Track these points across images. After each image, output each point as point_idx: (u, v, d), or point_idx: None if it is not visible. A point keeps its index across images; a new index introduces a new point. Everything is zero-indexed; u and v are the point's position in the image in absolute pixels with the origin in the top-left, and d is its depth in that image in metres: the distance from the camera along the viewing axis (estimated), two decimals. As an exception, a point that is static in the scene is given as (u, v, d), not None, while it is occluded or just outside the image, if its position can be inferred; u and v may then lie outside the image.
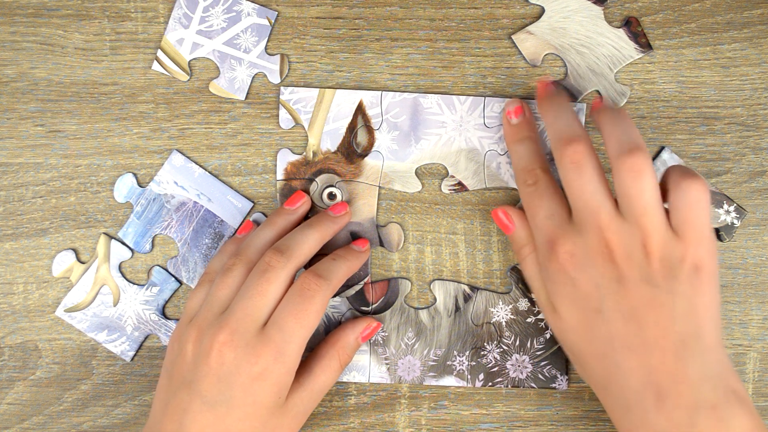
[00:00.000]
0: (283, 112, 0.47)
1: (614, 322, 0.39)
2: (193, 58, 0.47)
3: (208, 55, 0.47)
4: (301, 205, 0.46)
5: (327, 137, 0.47)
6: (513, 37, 0.47)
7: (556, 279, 0.42)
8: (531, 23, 0.47)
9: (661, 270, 0.39)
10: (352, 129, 0.47)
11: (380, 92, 0.47)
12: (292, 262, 0.43)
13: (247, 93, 0.48)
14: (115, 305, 0.48)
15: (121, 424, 0.48)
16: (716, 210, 0.47)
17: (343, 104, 0.47)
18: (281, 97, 0.47)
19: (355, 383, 0.48)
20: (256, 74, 0.47)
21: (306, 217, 0.47)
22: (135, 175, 0.48)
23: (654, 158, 0.47)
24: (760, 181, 0.48)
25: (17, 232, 0.48)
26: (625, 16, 0.47)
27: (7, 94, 0.48)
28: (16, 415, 0.48)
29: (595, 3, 0.46)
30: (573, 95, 0.47)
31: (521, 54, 0.47)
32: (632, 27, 0.46)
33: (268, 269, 0.42)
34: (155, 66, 0.47)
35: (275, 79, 0.47)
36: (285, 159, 0.48)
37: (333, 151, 0.47)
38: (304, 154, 0.48)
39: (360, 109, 0.47)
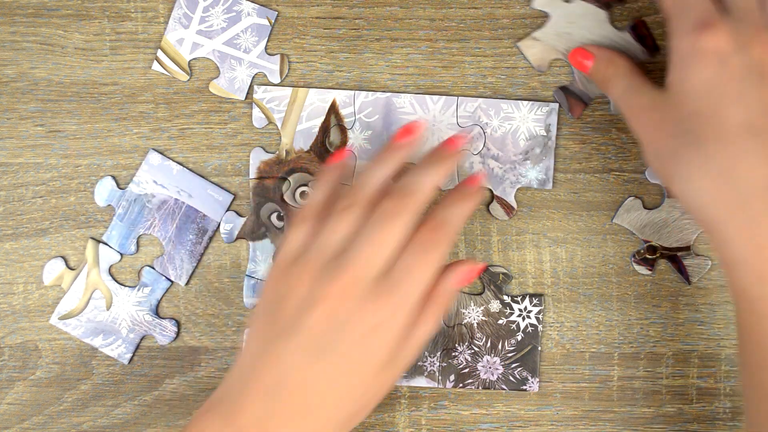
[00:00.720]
0: (256, 111, 0.47)
1: (754, 113, 0.38)
2: (193, 58, 0.47)
3: (208, 55, 0.47)
4: (414, 139, 0.43)
5: (300, 136, 0.47)
6: (519, 44, 0.47)
7: (701, 59, 0.38)
8: (535, 29, 0.47)
9: None
10: (325, 128, 0.47)
11: (353, 92, 0.47)
12: (415, 205, 0.39)
13: (247, 93, 0.48)
14: (108, 309, 0.48)
15: (121, 424, 0.48)
16: (716, 210, 0.47)
17: (316, 103, 0.47)
18: (254, 95, 0.47)
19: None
20: (256, 74, 0.47)
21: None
22: (114, 177, 0.48)
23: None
24: (760, 181, 0.48)
25: (17, 232, 0.48)
26: (632, 18, 0.46)
27: (7, 94, 0.48)
28: (16, 415, 0.48)
29: (600, 7, 0.46)
30: (582, 100, 0.47)
31: (527, 60, 0.47)
32: (639, 30, 0.46)
33: (390, 215, 0.39)
34: (155, 66, 0.47)
35: (275, 78, 0.47)
36: (258, 158, 0.47)
37: (306, 150, 0.47)
38: (277, 152, 0.48)
39: (333, 109, 0.47)
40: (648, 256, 0.48)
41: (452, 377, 0.48)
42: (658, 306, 0.48)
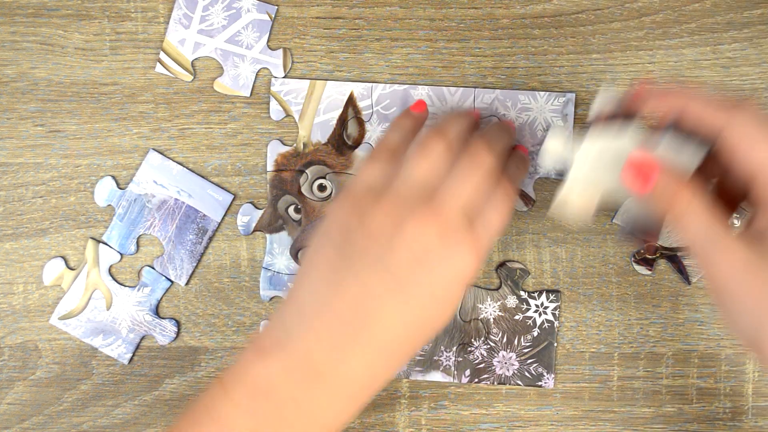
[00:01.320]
0: (273, 104, 0.47)
1: None
2: (196, 58, 0.47)
3: (210, 54, 0.47)
4: (473, 112, 0.44)
5: (317, 129, 0.47)
6: (552, 212, 0.40)
7: None
8: (557, 185, 0.40)
9: None
10: (342, 121, 0.47)
11: (371, 84, 0.47)
12: (498, 154, 0.40)
13: (252, 89, 0.48)
14: (108, 309, 0.48)
15: (121, 424, 0.48)
16: (716, 210, 0.47)
17: (333, 96, 0.47)
18: (272, 88, 0.47)
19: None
20: (259, 70, 0.47)
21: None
22: (114, 177, 0.48)
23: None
24: (760, 181, 0.48)
25: (17, 232, 0.48)
26: (665, 115, 0.38)
27: (7, 94, 0.48)
28: (16, 415, 0.48)
29: (624, 122, 0.38)
30: (650, 229, 0.39)
31: (569, 219, 0.42)
32: (679, 123, 0.37)
33: (478, 159, 0.39)
34: (158, 68, 0.47)
35: (279, 73, 0.47)
36: (275, 150, 0.48)
37: (323, 142, 0.47)
38: (295, 145, 0.48)
39: (351, 101, 0.47)
40: (648, 256, 0.48)
41: (468, 372, 0.48)
42: (658, 306, 0.48)
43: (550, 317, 0.48)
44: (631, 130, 0.37)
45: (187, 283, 0.48)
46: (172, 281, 0.48)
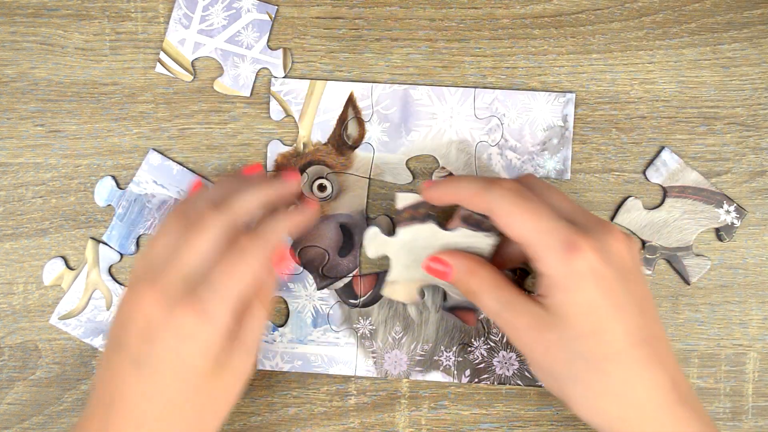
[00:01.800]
0: (273, 104, 0.47)
1: (633, 317, 0.39)
2: (196, 58, 0.47)
3: (210, 54, 0.47)
4: (291, 183, 0.44)
5: (317, 129, 0.47)
6: (385, 297, 0.45)
7: (579, 282, 0.38)
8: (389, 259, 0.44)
9: (635, 261, 0.41)
10: (342, 121, 0.47)
11: (371, 84, 0.47)
12: (226, 215, 0.40)
13: (252, 89, 0.48)
14: (108, 309, 0.48)
15: (121, 424, 0.48)
16: (716, 210, 0.47)
17: (333, 96, 0.47)
18: (272, 88, 0.47)
19: (355, 383, 0.48)
20: (259, 70, 0.47)
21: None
22: (114, 177, 0.48)
23: (654, 158, 0.47)
24: (760, 181, 0.48)
25: (17, 232, 0.48)
26: (455, 213, 0.43)
27: (7, 94, 0.48)
28: (16, 415, 0.48)
29: (423, 222, 0.43)
30: (471, 308, 0.45)
31: (402, 303, 0.47)
32: (469, 220, 0.43)
33: (197, 222, 0.39)
34: (158, 68, 0.47)
35: (279, 73, 0.47)
36: (275, 150, 0.48)
37: (323, 142, 0.47)
38: (295, 145, 0.48)
39: (351, 101, 0.47)
40: (648, 256, 0.48)
41: (468, 372, 0.48)
42: (658, 306, 0.48)
43: None
44: (429, 225, 0.43)
45: (187, 283, 0.48)
46: (172, 281, 0.48)
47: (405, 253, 0.43)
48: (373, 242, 0.44)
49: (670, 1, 0.47)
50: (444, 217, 0.44)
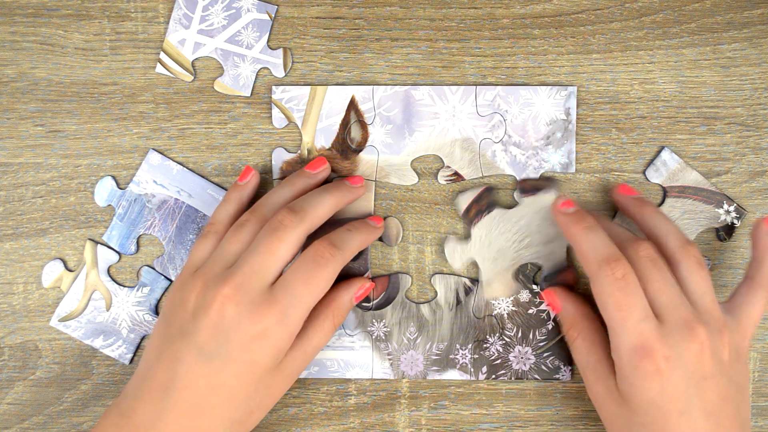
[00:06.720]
0: (275, 111, 0.47)
1: (698, 421, 0.40)
2: (196, 58, 0.47)
3: (210, 54, 0.47)
4: (322, 170, 0.46)
5: (321, 134, 0.47)
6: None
7: (644, 382, 0.40)
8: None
9: (729, 361, 0.41)
10: (345, 125, 0.47)
11: (372, 87, 0.47)
12: (305, 223, 0.42)
13: (252, 89, 0.48)
14: (108, 310, 0.48)
15: (121, 424, 0.48)
16: (716, 210, 0.47)
17: (335, 100, 0.47)
18: (273, 96, 0.47)
19: (355, 383, 0.48)
20: (260, 69, 0.47)
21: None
22: (114, 177, 0.48)
23: (654, 158, 0.47)
24: (760, 181, 0.48)
25: (17, 232, 0.48)
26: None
27: (7, 94, 0.48)
28: (16, 415, 0.48)
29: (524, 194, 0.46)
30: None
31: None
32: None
33: (279, 227, 0.41)
34: (159, 68, 0.47)
35: (279, 72, 0.47)
36: (280, 158, 0.48)
37: (327, 147, 0.47)
38: (299, 152, 0.48)
39: (352, 105, 0.47)
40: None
41: (484, 369, 0.48)
42: (658, 306, 0.48)
43: None
44: (496, 211, 0.46)
45: (187, 283, 0.48)
46: (171, 281, 0.48)
47: (486, 249, 0.46)
48: (455, 253, 0.46)
49: (670, 1, 0.47)
50: (503, 196, 0.47)
